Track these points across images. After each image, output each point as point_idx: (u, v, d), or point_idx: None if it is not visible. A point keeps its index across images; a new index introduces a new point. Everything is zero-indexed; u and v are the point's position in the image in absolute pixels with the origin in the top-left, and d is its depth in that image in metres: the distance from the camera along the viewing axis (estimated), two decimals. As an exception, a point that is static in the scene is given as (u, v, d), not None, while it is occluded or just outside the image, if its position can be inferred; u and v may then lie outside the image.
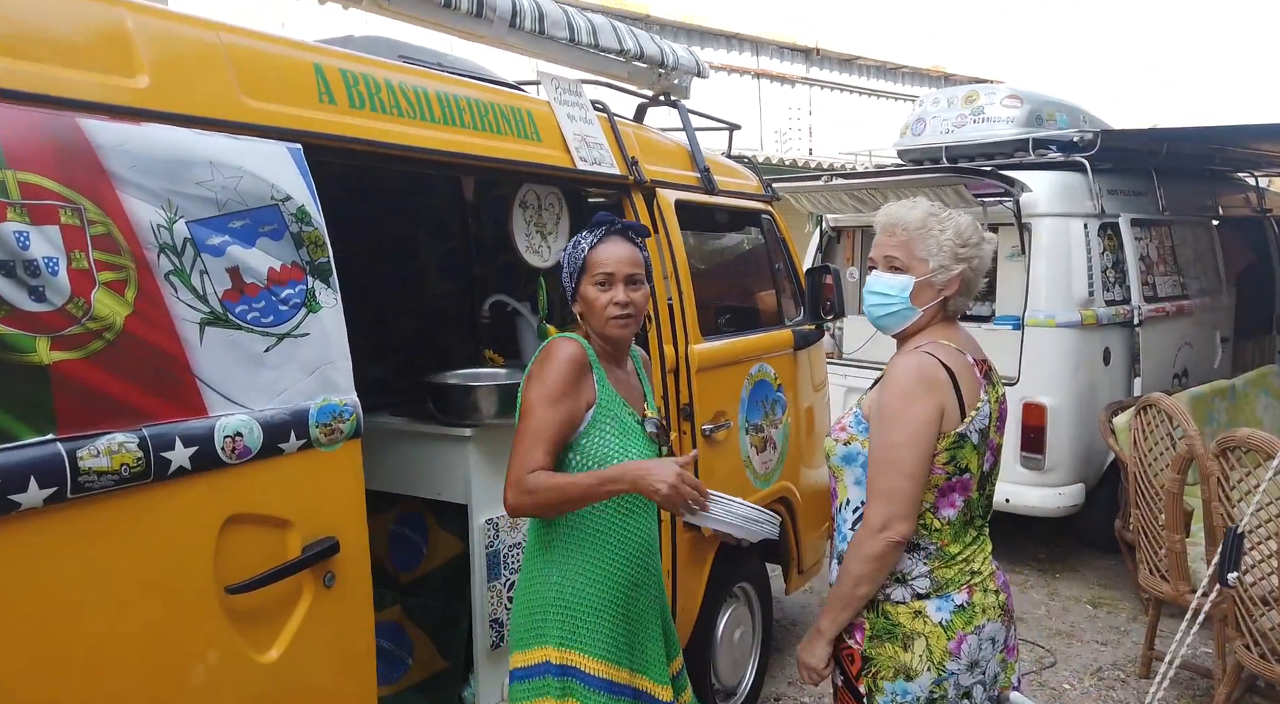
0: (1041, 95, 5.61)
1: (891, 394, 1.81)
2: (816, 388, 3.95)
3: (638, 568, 1.96)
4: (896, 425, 1.78)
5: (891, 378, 1.84)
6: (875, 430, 1.82)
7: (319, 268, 1.85)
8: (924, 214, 1.93)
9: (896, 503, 1.76)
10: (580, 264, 1.92)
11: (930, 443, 1.78)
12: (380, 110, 2.18)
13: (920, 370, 1.81)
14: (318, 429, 1.79)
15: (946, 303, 1.96)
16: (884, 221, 1.95)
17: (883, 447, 1.79)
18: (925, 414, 1.77)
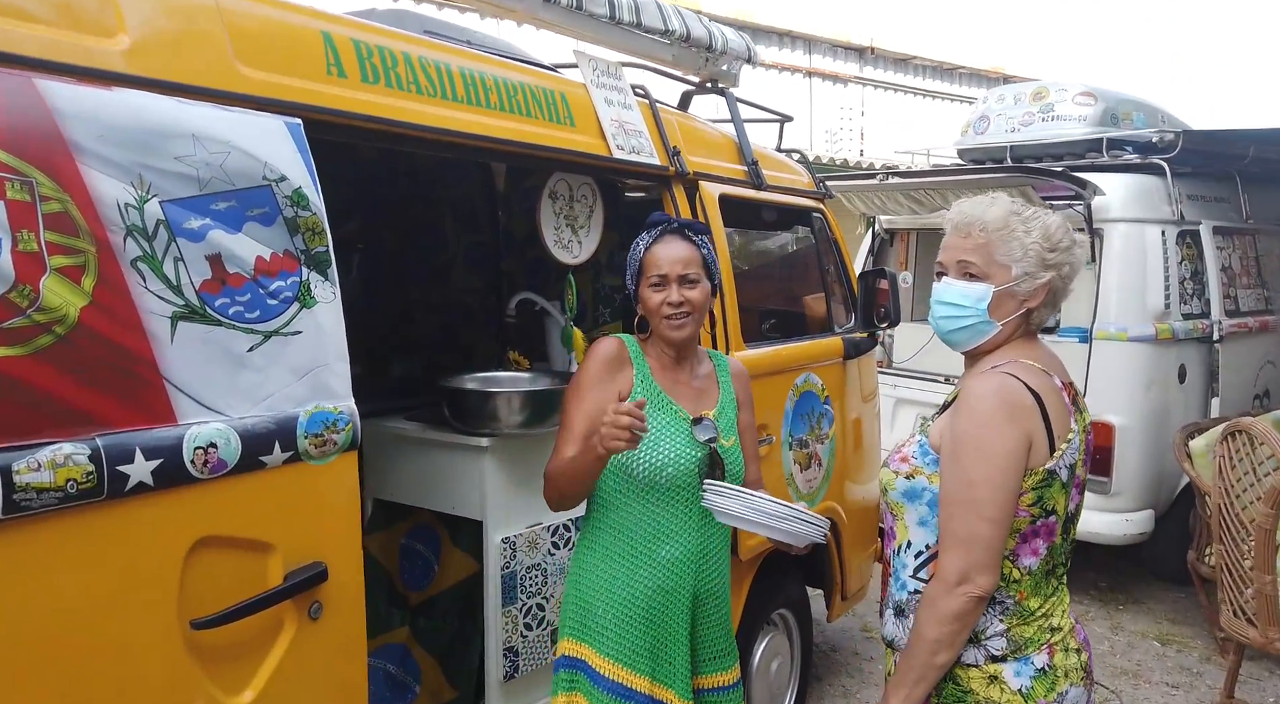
0: (1117, 93, 5.25)
1: (969, 423, 1.55)
2: (866, 398, 3.67)
3: (670, 573, 1.82)
4: (976, 460, 1.52)
5: (968, 403, 1.57)
6: (949, 465, 1.56)
7: (316, 258, 1.64)
8: (1005, 212, 1.66)
9: (977, 551, 1.50)
10: (638, 267, 1.88)
11: (1016, 481, 1.52)
12: (397, 86, 1.98)
13: (1003, 395, 1.55)
14: (308, 440, 1.59)
15: (1029, 316, 1.70)
16: (957, 220, 1.69)
17: (960, 485, 1.53)
18: (1010, 447, 1.51)
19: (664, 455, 1.81)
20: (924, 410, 5.45)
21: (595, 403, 1.82)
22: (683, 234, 1.91)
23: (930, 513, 1.64)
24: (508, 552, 2.30)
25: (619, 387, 1.86)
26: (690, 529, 1.85)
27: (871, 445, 3.77)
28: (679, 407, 1.87)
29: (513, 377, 2.59)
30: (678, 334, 1.86)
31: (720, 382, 1.99)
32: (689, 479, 1.82)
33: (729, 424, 1.93)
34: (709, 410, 1.91)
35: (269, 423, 1.52)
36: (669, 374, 1.91)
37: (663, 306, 1.84)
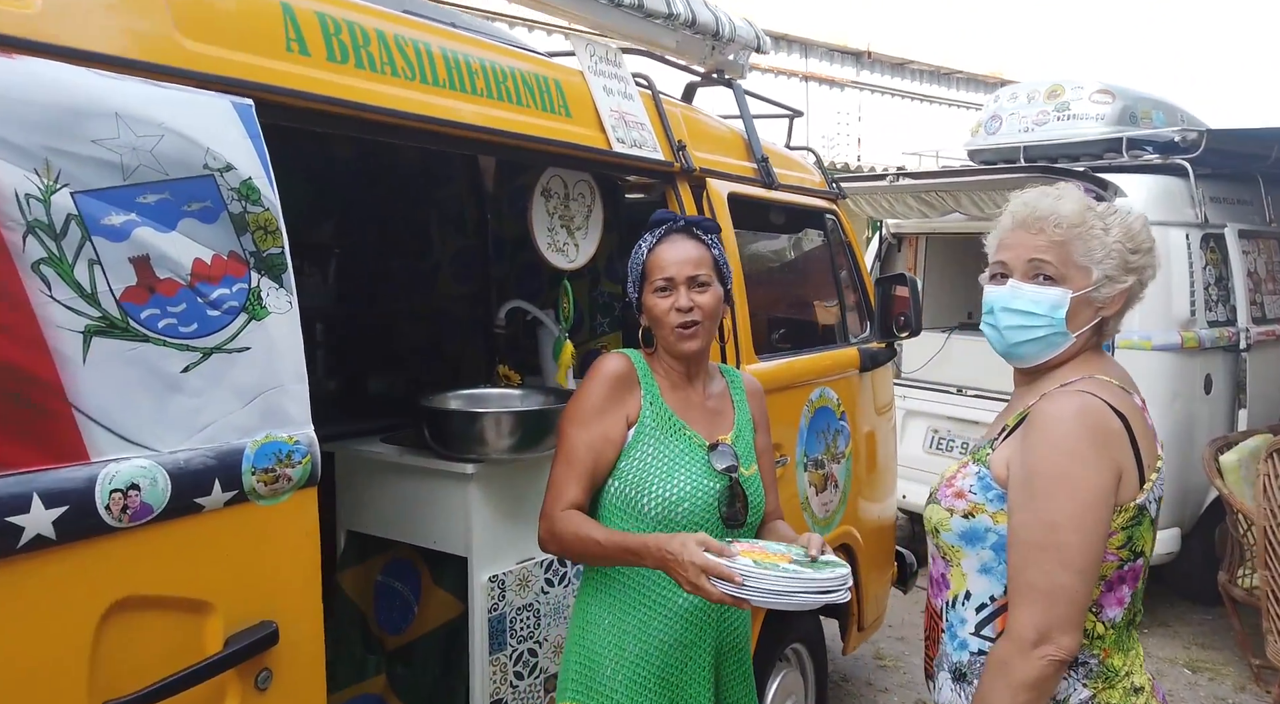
0: (1135, 91, 5.03)
1: (1049, 453, 1.31)
2: (881, 412, 3.43)
3: (689, 626, 1.59)
4: (1059, 497, 1.28)
5: (1045, 429, 1.33)
6: (1024, 503, 1.32)
7: (268, 261, 1.40)
8: (1082, 206, 1.43)
9: (1059, 606, 1.26)
10: (641, 271, 1.66)
11: (1106, 521, 1.29)
12: (369, 67, 1.74)
13: (1086, 418, 1.31)
14: (256, 476, 1.34)
15: (1101, 327, 1.46)
16: (1025, 214, 1.45)
17: (1039, 527, 1.29)
18: (1099, 482, 1.28)
19: (679, 488, 1.57)
20: (935, 423, 5.22)
21: (602, 432, 1.59)
22: (690, 233, 1.68)
23: (996, 559, 1.40)
24: (495, 591, 2.05)
25: (627, 411, 1.62)
26: None
27: (888, 462, 3.53)
28: (693, 432, 1.64)
29: (502, 394, 2.34)
30: (689, 346, 1.63)
31: (735, 400, 1.75)
32: (707, 514, 1.58)
33: (747, 449, 1.70)
34: (725, 434, 1.67)
35: (207, 457, 1.27)
36: (680, 394, 1.68)
37: (670, 313, 1.61)
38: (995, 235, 1.55)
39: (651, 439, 1.60)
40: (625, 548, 1.48)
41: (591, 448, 1.58)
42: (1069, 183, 1.54)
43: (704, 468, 1.60)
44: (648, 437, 1.61)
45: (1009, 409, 1.55)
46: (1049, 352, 1.44)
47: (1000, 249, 1.50)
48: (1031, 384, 1.50)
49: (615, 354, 1.68)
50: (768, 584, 1.36)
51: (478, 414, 2.03)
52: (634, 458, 1.60)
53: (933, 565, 1.55)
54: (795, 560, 1.45)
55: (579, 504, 1.57)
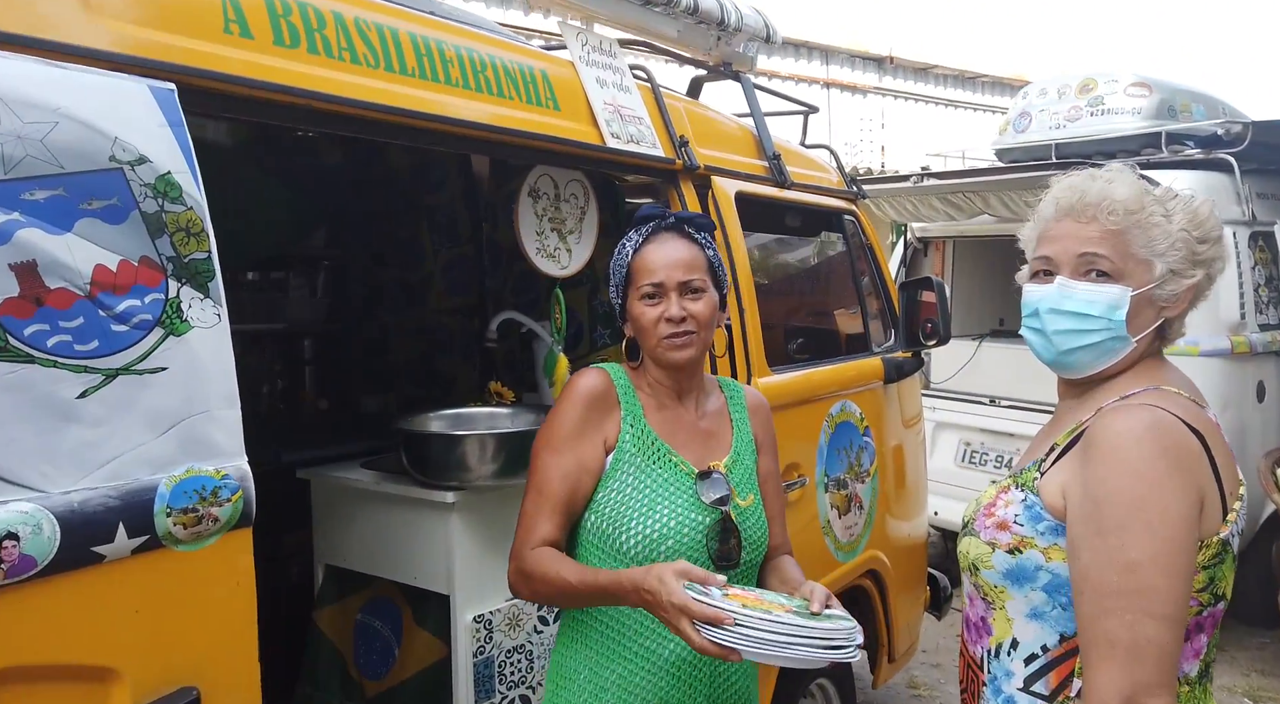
0: (1173, 83, 4.77)
1: (1119, 477, 1.09)
2: (909, 424, 3.19)
3: (677, 681, 1.38)
4: (1137, 531, 1.07)
5: (1111, 449, 1.12)
6: (1091, 538, 1.11)
7: (191, 267, 1.21)
8: (1139, 190, 1.22)
9: (1147, 664, 1.04)
10: (625, 274, 1.47)
11: (1192, 558, 1.08)
12: (324, 52, 1.56)
13: (1160, 436, 1.10)
14: (173, 518, 1.15)
15: (1164, 329, 1.25)
16: (1072, 200, 1.24)
17: (1114, 568, 1.08)
18: (1182, 511, 1.07)
19: (661, 524, 1.36)
20: (967, 435, 4.95)
21: (577, 460, 1.39)
22: (682, 231, 1.48)
23: (1049, 602, 1.19)
24: (482, 633, 1.85)
25: (605, 434, 1.42)
26: None
27: (917, 479, 3.29)
28: (680, 458, 1.43)
29: (490, 414, 2.14)
30: (678, 356, 1.42)
31: (734, 419, 1.54)
32: (695, 552, 1.37)
33: (746, 476, 1.48)
34: (720, 458, 1.46)
35: (109, 498, 1.09)
36: (667, 414, 1.47)
37: (659, 323, 1.41)
38: (1035, 227, 1.33)
39: (631, 467, 1.40)
40: (600, 588, 1.28)
41: (566, 477, 1.38)
42: (1119, 163, 1.32)
43: (691, 500, 1.39)
44: (627, 464, 1.40)
45: (1054, 425, 1.33)
46: (1106, 359, 1.23)
47: (1044, 242, 1.28)
48: (1083, 397, 1.28)
49: (591, 370, 1.48)
50: (762, 632, 1.14)
51: (458, 437, 1.83)
52: (612, 488, 1.39)
53: (969, 607, 1.33)
54: (795, 612, 1.24)
55: (553, 541, 1.37)
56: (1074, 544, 1.13)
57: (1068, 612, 1.18)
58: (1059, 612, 1.18)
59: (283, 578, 2.38)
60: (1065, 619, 1.18)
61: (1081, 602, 1.11)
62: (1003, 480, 1.32)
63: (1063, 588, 1.17)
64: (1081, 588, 1.11)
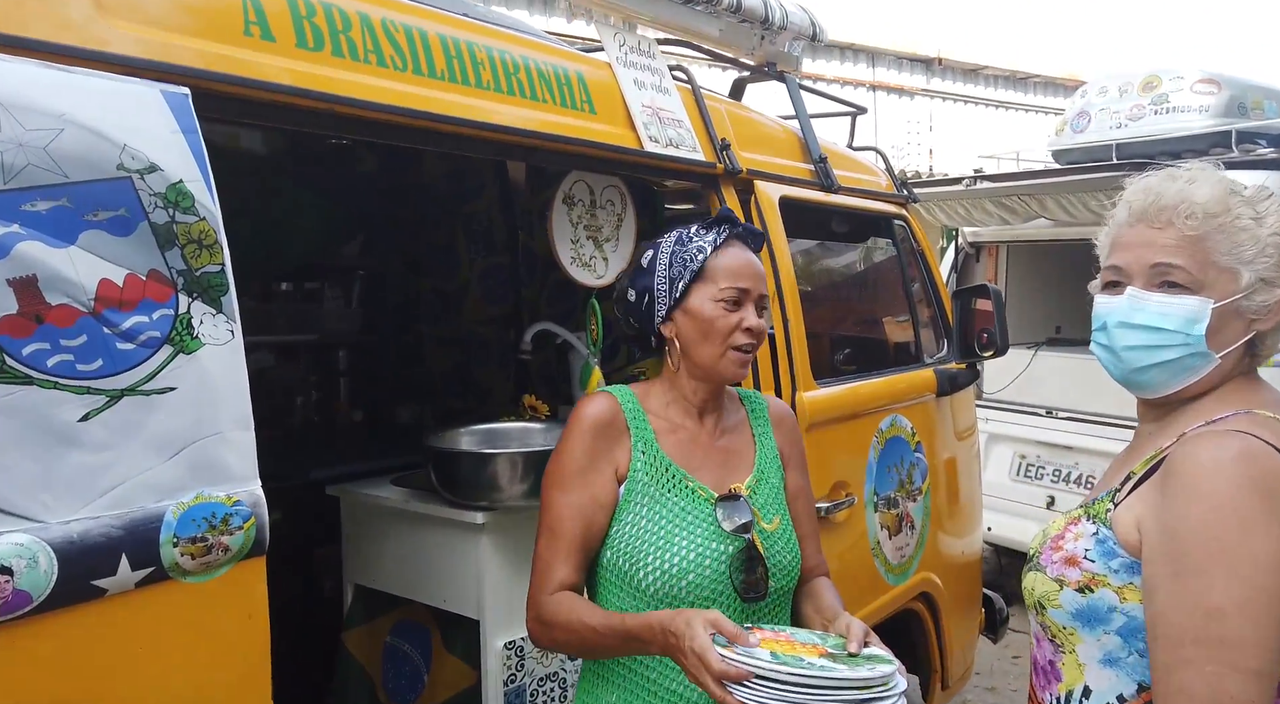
0: (1243, 79, 4.53)
1: (1202, 513, 0.98)
2: (963, 437, 3.04)
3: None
4: (1219, 575, 0.96)
5: (1194, 481, 1.01)
6: (1168, 580, 1.00)
7: (203, 281, 1.15)
8: (1223, 190, 1.11)
9: None
10: (695, 269, 1.34)
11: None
12: (349, 55, 1.50)
13: (1250, 467, 0.99)
14: (180, 548, 1.08)
15: (1254, 344, 1.13)
16: (1146, 203, 1.13)
17: (1194, 614, 0.97)
18: (1272, 552, 0.96)
19: (681, 557, 1.26)
20: (1022, 448, 4.75)
21: (589, 495, 1.30)
22: (747, 242, 1.41)
23: (1124, 647, 1.08)
24: (513, 660, 1.77)
25: (616, 464, 1.32)
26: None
27: (972, 495, 3.14)
28: (697, 483, 1.32)
29: (522, 430, 2.06)
30: (741, 371, 1.35)
31: (756, 434, 1.43)
32: (718, 586, 1.27)
33: (772, 496, 1.38)
34: (742, 479, 1.36)
35: (112, 527, 1.03)
36: (683, 434, 1.37)
37: (737, 332, 1.33)
38: (1108, 232, 1.22)
39: (645, 497, 1.30)
40: (626, 634, 1.18)
41: (579, 514, 1.28)
42: (1204, 162, 1.19)
43: (711, 528, 1.28)
44: (641, 494, 1.30)
45: (1132, 452, 1.21)
46: (1184, 378, 1.11)
47: (1115, 250, 1.17)
48: (1164, 420, 1.16)
49: (596, 395, 1.38)
50: (790, 686, 1.04)
51: (487, 456, 1.76)
52: (626, 522, 1.30)
53: (1037, 648, 1.21)
54: (830, 652, 1.13)
55: (571, 584, 1.28)
56: (1150, 585, 1.02)
57: (1146, 659, 1.06)
58: (1136, 659, 1.07)
59: (314, 594, 2.33)
60: (1144, 667, 1.07)
61: (1157, 648, 1.00)
62: (1072, 511, 1.20)
63: (1140, 632, 1.06)
64: (1157, 633, 1.00)
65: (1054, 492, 4.61)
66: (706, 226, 1.39)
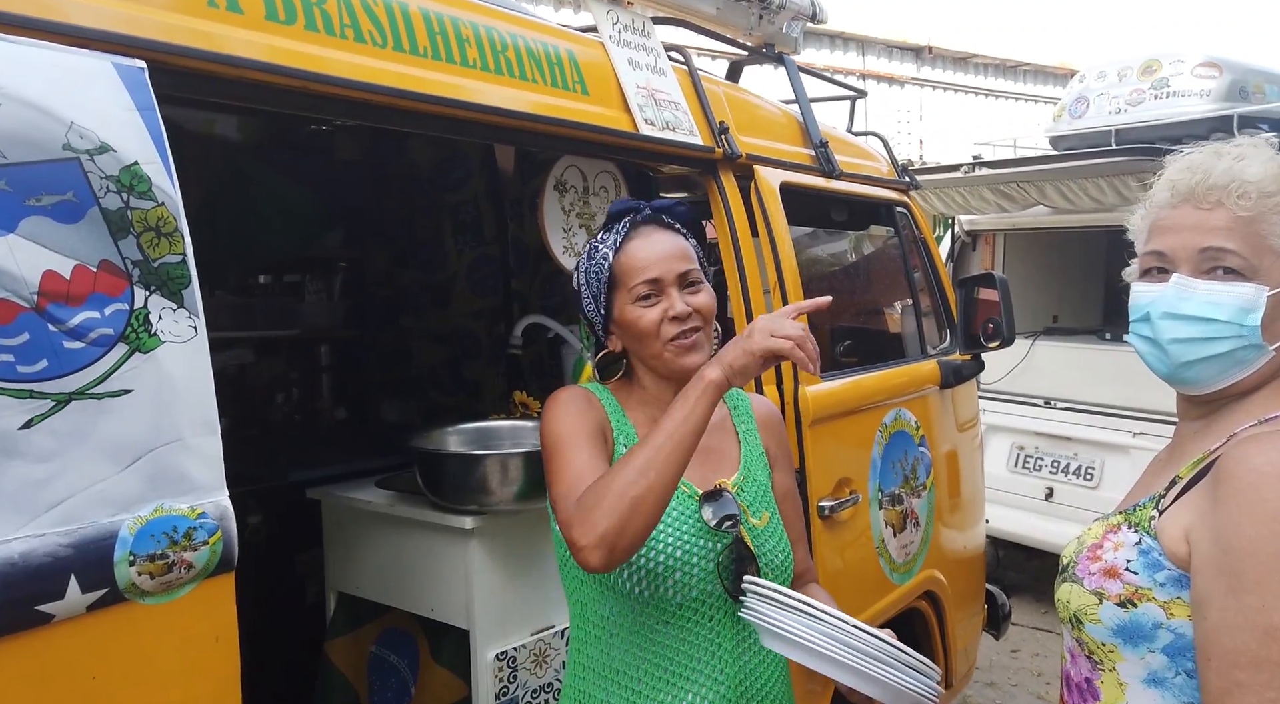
0: (1245, 63, 4.46)
1: (1261, 523, 0.90)
2: (965, 428, 2.97)
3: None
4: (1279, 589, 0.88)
5: (1251, 489, 0.92)
6: (1223, 595, 0.92)
7: (162, 273, 1.05)
8: (1276, 171, 1.03)
9: None
10: (605, 279, 1.28)
11: None
12: (324, 29, 1.39)
13: None
14: (138, 567, 0.98)
15: None
16: (1195, 182, 1.05)
17: (1251, 632, 0.89)
18: None
19: (666, 556, 1.19)
20: (1020, 439, 4.69)
21: (600, 449, 1.21)
22: (660, 222, 1.32)
23: (1171, 666, 1.00)
24: (505, 671, 1.68)
25: (608, 444, 1.25)
26: (720, 661, 1.21)
27: (975, 487, 3.06)
28: (682, 479, 1.24)
29: (512, 428, 1.96)
30: (690, 360, 1.25)
31: (740, 432, 1.37)
32: (707, 585, 1.20)
33: (760, 493, 1.31)
34: (728, 476, 1.29)
35: (59, 546, 0.92)
36: None
37: (663, 324, 1.25)
38: (1146, 215, 1.13)
39: None
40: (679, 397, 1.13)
41: (595, 459, 1.18)
42: (1253, 137, 1.11)
43: (697, 525, 1.21)
44: None
45: (1175, 453, 1.12)
46: (1236, 372, 1.03)
47: (1157, 234, 1.08)
48: (1209, 418, 1.08)
49: (572, 387, 1.31)
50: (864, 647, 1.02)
51: (476, 458, 1.66)
52: None
53: (1071, 664, 1.13)
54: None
55: None
56: (1201, 600, 0.94)
57: (1195, 679, 0.98)
58: (1185, 679, 0.99)
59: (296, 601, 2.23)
60: (1192, 688, 0.99)
61: (1208, 671, 0.92)
62: (1111, 517, 1.11)
63: (1188, 651, 0.98)
64: (1209, 654, 0.92)
65: (1052, 483, 4.56)
66: (607, 227, 1.32)
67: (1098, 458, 4.40)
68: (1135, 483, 1.20)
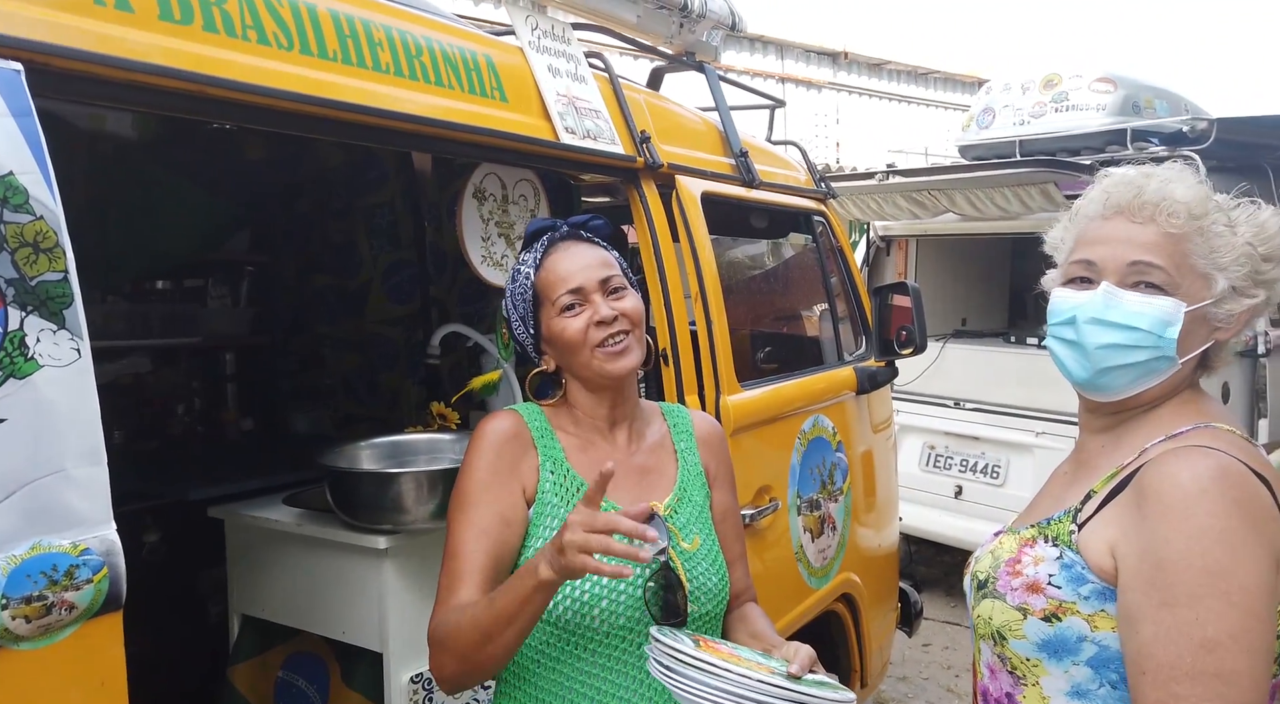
0: (1137, 79, 4.69)
1: (1189, 538, 0.93)
2: (878, 429, 3.03)
3: None
4: (1212, 604, 0.91)
5: (1177, 504, 0.96)
6: (1153, 608, 0.94)
7: (40, 292, 0.97)
8: (1202, 194, 1.08)
9: None
10: (530, 298, 1.28)
11: (1273, 631, 0.93)
12: (224, 30, 1.32)
13: (1231, 488, 0.95)
14: (10, 610, 0.91)
15: (1208, 356, 1.10)
16: (1129, 197, 1.09)
17: (1187, 646, 0.92)
18: (1261, 578, 0.92)
19: (592, 582, 1.17)
20: (931, 438, 4.84)
21: (497, 513, 1.20)
22: (579, 238, 1.32)
23: (1095, 679, 1.02)
24: (420, 694, 1.63)
25: (524, 482, 1.23)
26: (650, 690, 1.20)
27: (889, 488, 3.14)
28: (611, 503, 1.24)
29: (429, 441, 1.91)
30: (620, 364, 1.25)
31: (679, 449, 1.35)
32: (635, 614, 1.19)
33: (695, 514, 1.30)
34: (662, 498, 1.28)
35: (-81, 592, 0.85)
36: (595, 453, 1.28)
37: (589, 331, 1.24)
38: (1073, 225, 1.17)
39: (554, 519, 1.21)
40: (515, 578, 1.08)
41: (485, 535, 1.18)
42: (1176, 162, 1.15)
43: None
44: (550, 516, 1.21)
45: (1083, 466, 1.16)
46: (1145, 382, 1.07)
47: (1086, 244, 1.12)
48: (1115, 431, 1.12)
49: (501, 412, 1.30)
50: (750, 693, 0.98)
51: (389, 476, 1.61)
52: (533, 547, 1.21)
53: (990, 679, 1.15)
54: (774, 674, 1.06)
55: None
56: (1132, 615, 0.96)
57: (1119, 691, 1.01)
58: (1108, 690, 1.02)
59: (199, 623, 2.13)
60: (1115, 699, 1.02)
61: (1144, 685, 0.94)
62: (1023, 530, 1.14)
63: (1112, 663, 1.01)
64: (1144, 668, 0.94)
65: (962, 481, 4.72)
66: (526, 248, 1.33)
67: (1003, 457, 4.58)
68: (1039, 494, 1.23)
